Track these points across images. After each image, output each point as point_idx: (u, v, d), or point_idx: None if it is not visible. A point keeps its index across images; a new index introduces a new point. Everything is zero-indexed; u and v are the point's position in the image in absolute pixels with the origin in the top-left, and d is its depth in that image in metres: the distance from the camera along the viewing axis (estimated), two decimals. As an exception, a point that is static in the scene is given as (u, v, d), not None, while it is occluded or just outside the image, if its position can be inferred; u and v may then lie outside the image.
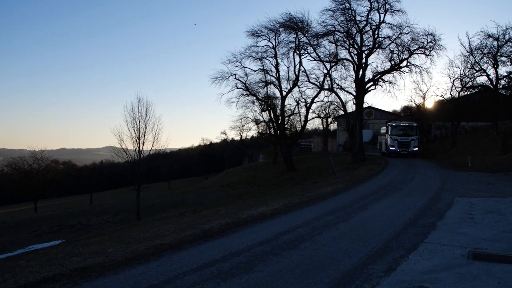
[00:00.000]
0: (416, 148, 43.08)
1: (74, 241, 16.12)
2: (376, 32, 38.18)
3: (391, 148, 43.52)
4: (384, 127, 48.18)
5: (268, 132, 58.98)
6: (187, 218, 14.04)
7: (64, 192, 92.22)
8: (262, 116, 54.42)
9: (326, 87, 43.08)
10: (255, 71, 46.76)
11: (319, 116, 52.01)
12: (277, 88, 46.50)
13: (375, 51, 39.34)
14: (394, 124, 44.64)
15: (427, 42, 37.53)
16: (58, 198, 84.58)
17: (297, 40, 42.03)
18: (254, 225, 11.15)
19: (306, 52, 42.58)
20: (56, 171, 71.32)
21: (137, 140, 30.38)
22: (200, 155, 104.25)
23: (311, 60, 42.59)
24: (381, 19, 37.62)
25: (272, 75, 46.22)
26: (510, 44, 36.05)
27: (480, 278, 6.18)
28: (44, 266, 8.07)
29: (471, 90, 44.37)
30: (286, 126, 49.63)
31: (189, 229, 10.85)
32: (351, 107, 49.07)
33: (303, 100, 48.29)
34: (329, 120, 64.06)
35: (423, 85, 64.61)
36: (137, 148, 30.65)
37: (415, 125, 43.86)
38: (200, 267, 7.30)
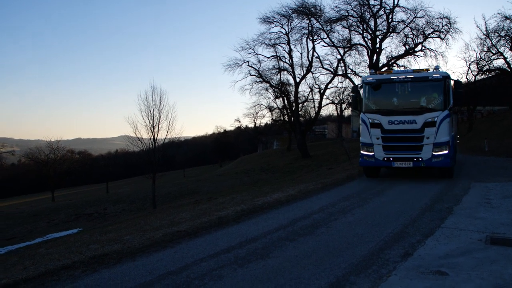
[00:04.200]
0: (446, 152, 14.68)
1: (91, 229, 16.32)
2: (390, 16, 37.74)
3: (365, 154, 16.01)
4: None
5: (282, 119, 58.82)
6: (203, 205, 14.11)
7: (80, 181, 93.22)
8: (275, 103, 54.26)
9: (340, 72, 42.66)
10: (268, 57, 46.51)
11: (333, 102, 51.64)
12: (290, 74, 46.24)
13: (389, 36, 38.89)
14: (375, 80, 15.91)
15: (442, 26, 36.88)
16: (74, 187, 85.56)
17: (310, 25, 41.68)
18: (270, 212, 11.18)
19: (319, 37, 42.20)
20: (72, 160, 72.05)
21: (152, 128, 30.47)
22: (215, 143, 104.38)
23: (324, 46, 42.24)
24: (395, 2, 37.08)
25: (285, 62, 45.92)
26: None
27: (498, 263, 6.12)
28: (63, 254, 8.19)
29: (487, 73, 43.58)
30: (300, 112, 49.36)
31: (205, 216, 10.91)
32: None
33: (316, 86, 47.73)
34: (343, 106, 63.64)
35: (439, 69, 63.65)
36: (152, 137, 30.77)
37: (439, 76, 14.91)
38: (216, 253, 7.34)
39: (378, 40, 38.86)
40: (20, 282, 6.45)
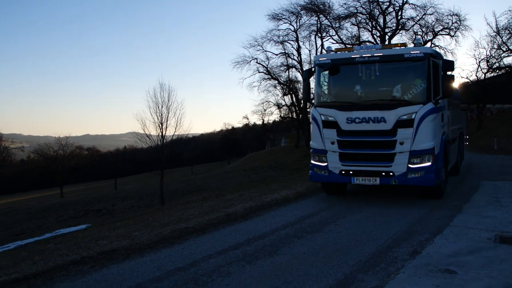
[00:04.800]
0: (428, 164, 10.24)
1: (99, 225, 16.41)
2: (399, 13, 37.62)
3: (316, 165, 11.57)
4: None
5: (290, 116, 58.83)
6: (211, 202, 14.13)
7: (89, 177, 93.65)
8: (284, 100, 54.34)
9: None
10: (276, 55, 46.61)
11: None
12: (299, 71, 46.33)
13: (398, 33, 38.75)
14: (330, 60, 11.36)
15: (452, 23, 36.74)
16: (83, 183, 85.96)
17: (318, 22, 41.64)
18: (278, 209, 11.18)
19: (328, 35, 42.16)
20: (81, 157, 72.32)
21: (160, 125, 30.66)
22: (222, 140, 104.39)
23: (333, 43, 41.90)
24: (405, -1, 36.59)
25: (293, 59, 46.01)
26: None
27: (508, 262, 6.09)
28: (72, 249, 8.25)
29: (497, 71, 43.37)
30: (308, 110, 49.34)
31: (213, 213, 10.93)
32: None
33: (325, 83, 47.60)
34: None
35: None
36: (160, 133, 30.93)
37: (419, 54, 10.34)
38: (224, 250, 7.36)
39: (387, 37, 38.68)
40: (29, 277, 6.51)
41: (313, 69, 11.99)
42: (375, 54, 10.75)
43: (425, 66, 10.32)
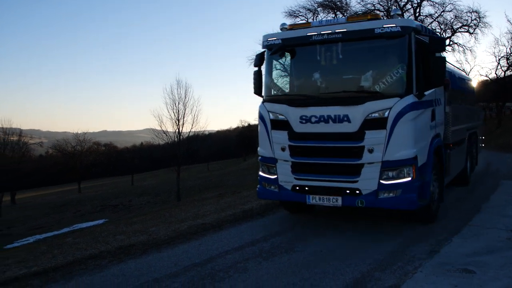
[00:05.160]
0: (407, 179, 7.50)
1: (116, 221, 16.58)
2: (418, 10, 37.20)
3: (265, 178, 8.90)
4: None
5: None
6: (227, 198, 14.18)
7: (106, 173, 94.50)
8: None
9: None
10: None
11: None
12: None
13: (416, 30, 38.32)
14: (280, 40, 8.45)
15: (471, 20, 36.18)
16: (100, 179, 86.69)
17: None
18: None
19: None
20: (98, 152, 73.12)
21: (177, 122, 30.84)
22: (239, 137, 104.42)
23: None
24: (423, -5, 35.94)
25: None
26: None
27: (528, 262, 6.02)
28: (90, 244, 8.36)
29: (518, 69, 42.75)
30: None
31: (230, 209, 10.97)
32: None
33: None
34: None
35: (467, 64, 62.32)
36: (177, 130, 31.09)
37: (396, 29, 7.45)
38: (241, 247, 7.39)
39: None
40: (49, 270, 6.62)
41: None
42: (336, 31, 7.92)
43: (405, 45, 7.52)
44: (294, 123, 8.01)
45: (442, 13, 36.63)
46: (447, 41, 37.50)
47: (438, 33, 33.54)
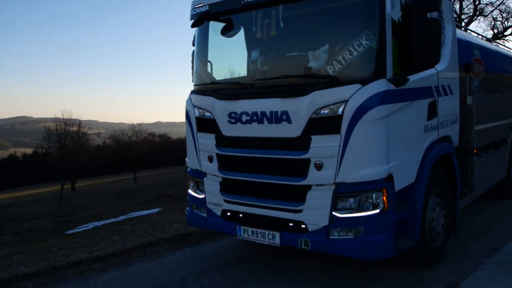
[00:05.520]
0: (374, 212, 4.81)
1: (172, 210, 16.91)
2: (478, -2, 35.71)
3: (193, 197, 6.36)
4: None
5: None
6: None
7: (160, 163, 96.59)
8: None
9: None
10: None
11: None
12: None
13: (475, 19, 36.66)
14: (207, 7, 5.90)
15: (536, 7, 34.19)
16: (155, 169, 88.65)
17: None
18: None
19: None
20: (153, 143, 74.60)
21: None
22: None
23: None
24: (483, -17, 34.46)
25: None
26: None
27: None
28: (148, 231, 8.60)
29: None
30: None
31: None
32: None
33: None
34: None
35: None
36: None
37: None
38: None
39: (463, 24, 36.94)
40: (109, 256, 6.87)
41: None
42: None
43: (375, 4, 4.79)
44: (222, 123, 5.64)
45: (504, 1, 35.05)
46: (510, 30, 35.90)
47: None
